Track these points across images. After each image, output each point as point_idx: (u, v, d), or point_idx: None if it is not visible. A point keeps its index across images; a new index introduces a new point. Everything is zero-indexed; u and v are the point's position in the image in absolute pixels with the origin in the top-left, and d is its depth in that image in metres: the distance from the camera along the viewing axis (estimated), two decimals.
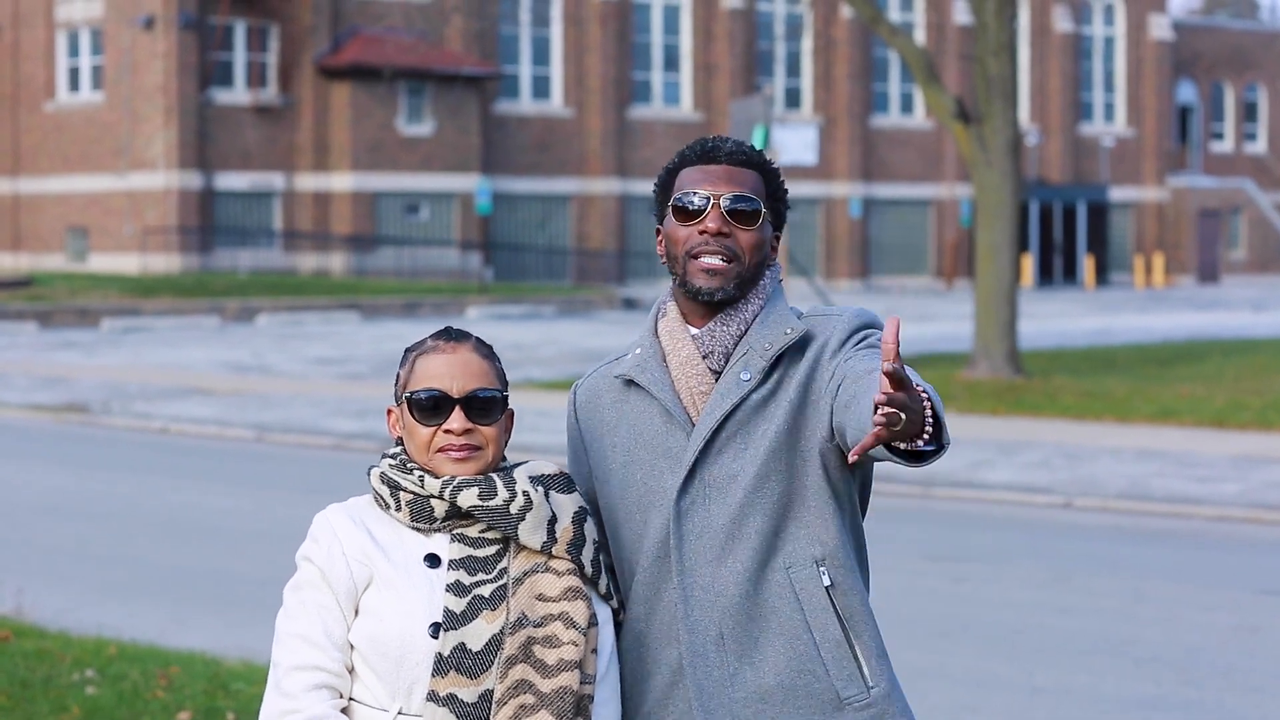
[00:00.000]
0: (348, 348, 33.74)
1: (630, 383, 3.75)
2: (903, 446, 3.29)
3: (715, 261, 3.66)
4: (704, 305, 3.70)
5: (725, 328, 3.69)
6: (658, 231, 3.79)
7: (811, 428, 3.64)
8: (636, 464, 3.71)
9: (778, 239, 3.79)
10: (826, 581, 3.63)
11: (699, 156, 3.74)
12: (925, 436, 3.28)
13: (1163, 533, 15.00)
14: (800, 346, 3.69)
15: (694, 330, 3.72)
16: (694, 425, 3.66)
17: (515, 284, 53.89)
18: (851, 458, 3.25)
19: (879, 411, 3.18)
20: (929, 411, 3.28)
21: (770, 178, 3.77)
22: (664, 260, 3.76)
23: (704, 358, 3.69)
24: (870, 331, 3.69)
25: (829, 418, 3.59)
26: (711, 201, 3.68)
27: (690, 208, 3.69)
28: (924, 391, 3.29)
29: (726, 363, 3.68)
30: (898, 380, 3.17)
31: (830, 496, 3.66)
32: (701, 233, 3.67)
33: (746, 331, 3.69)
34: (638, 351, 3.77)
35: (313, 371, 28.96)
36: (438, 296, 45.87)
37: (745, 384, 3.65)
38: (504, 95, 57.41)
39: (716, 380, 3.68)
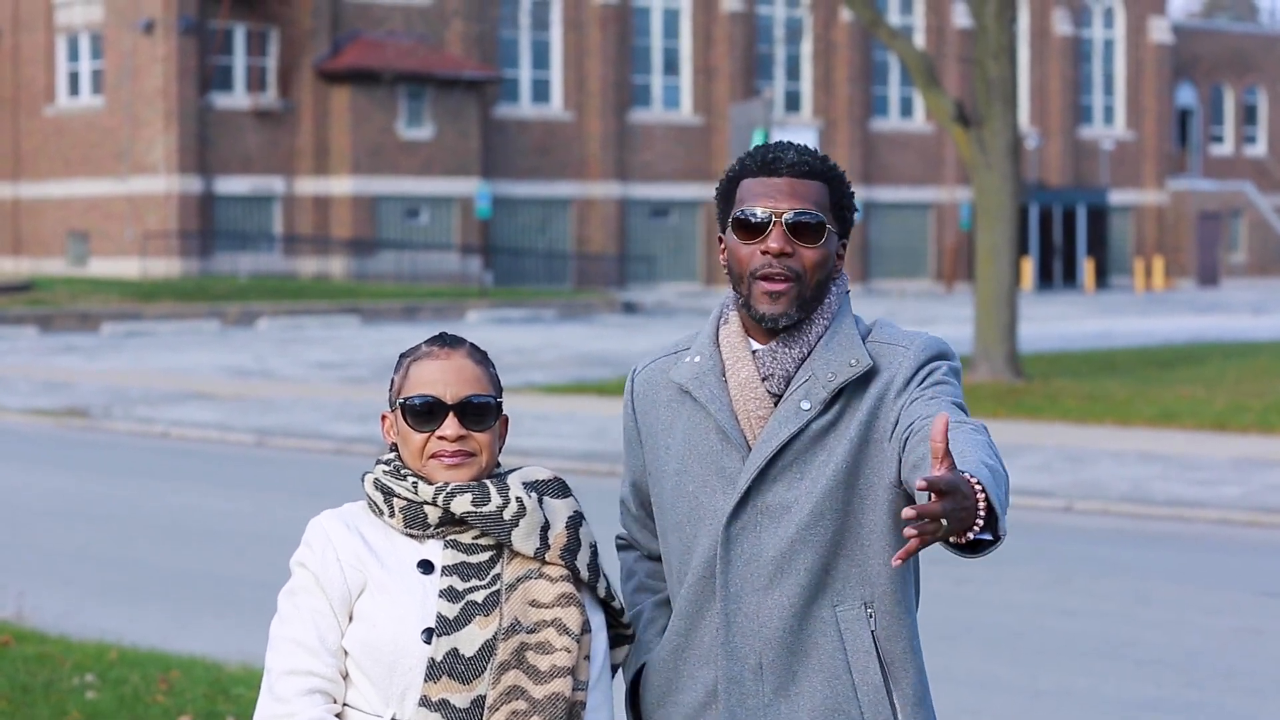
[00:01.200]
0: (348, 352, 33.74)
1: (687, 391, 3.66)
2: (952, 540, 3.15)
3: (777, 285, 3.55)
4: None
5: (788, 350, 3.59)
6: (720, 239, 3.68)
7: (873, 467, 3.56)
8: (689, 475, 3.64)
9: (844, 247, 3.68)
10: (873, 625, 3.58)
11: (760, 168, 3.61)
12: (976, 528, 3.10)
13: (1164, 535, 14.99)
14: (865, 378, 3.59)
15: (756, 346, 3.63)
16: (750, 449, 3.58)
17: (515, 288, 53.90)
18: (894, 563, 3.09)
19: (906, 527, 3.03)
20: (981, 503, 3.11)
21: (836, 186, 3.64)
22: (727, 272, 3.65)
23: (764, 379, 3.59)
24: (938, 365, 3.58)
25: (896, 464, 3.50)
26: (774, 219, 3.56)
27: (752, 222, 3.58)
28: (977, 482, 3.13)
29: (787, 386, 3.59)
30: (939, 490, 3.03)
31: (890, 538, 3.58)
32: (764, 252, 3.56)
33: (809, 354, 3.59)
34: (697, 360, 3.67)
35: (313, 375, 28.96)
36: (438, 301, 45.88)
37: (805, 413, 3.55)
38: (504, 99, 57.42)
39: (775, 403, 3.59)
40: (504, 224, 57.00)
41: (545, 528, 3.58)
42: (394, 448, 3.68)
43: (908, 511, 3.03)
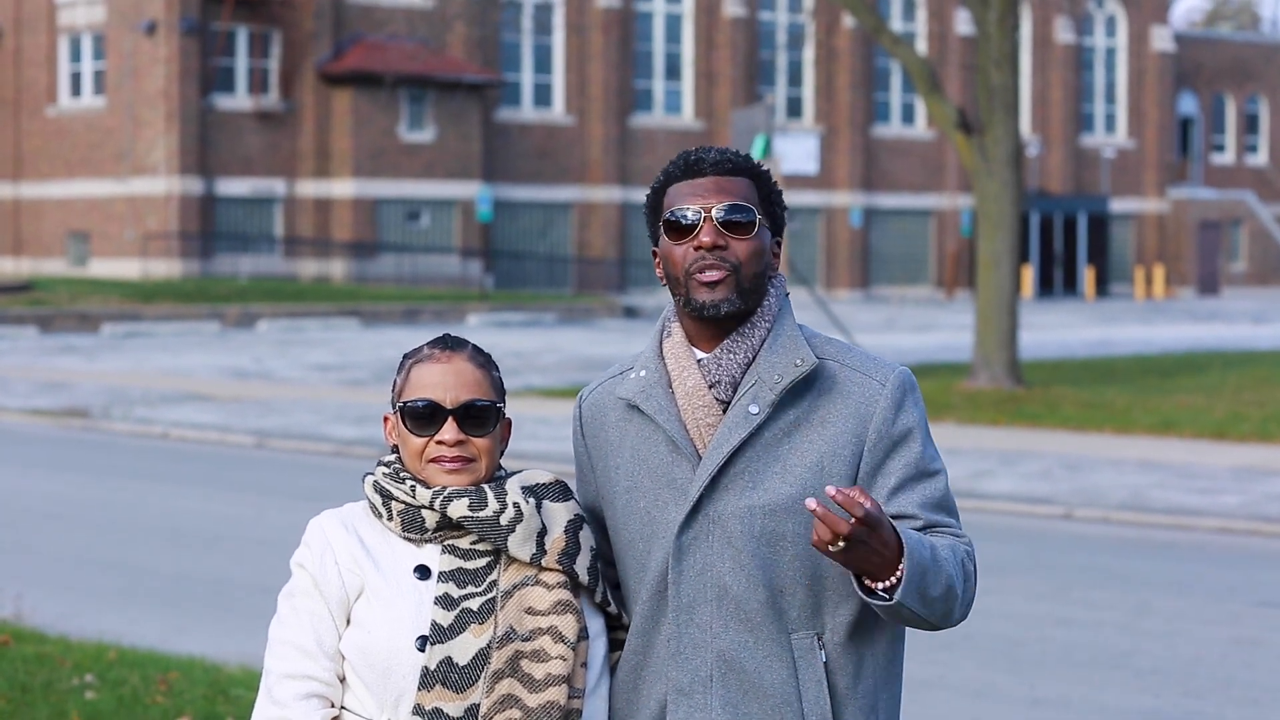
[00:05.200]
0: (348, 354, 33.74)
1: (634, 406, 3.62)
2: (867, 582, 3.36)
3: (714, 274, 3.52)
4: (710, 326, 3.57)
5: (732, 355, 3.55)
6: (654, 253, 3.65)
7: None
8: (640, 491, 3.59)
9: (779, 245, 3.64)
10: (823, 657, 3.53)
11: (684, 171, 3.60)
12: (885, 584, 3.34)
13: (1163, 544, 14.99)
14: (833, 397, 3.56)
15: (700, 355, 3.59)
16: (700, 458, 3.53)
17: (516, 292, 53.89)
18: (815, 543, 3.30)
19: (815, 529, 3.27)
20: (902, 570, 3.32)
21: (761, 182, 3.61)
22: (664, 281, 3.62)
23: (710, 387, 3.55)
24: (911, 429, 3.57)
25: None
26: (704, 215, 3.54)
27: (683, 223, 3.55)
28: (906, 548, 3.32)
29: (734, 392, 3.55)
30: (864, 523, 3.25)
31: (845, 572, 3.52)
32: (697, 248, 3.53)
33: (754, 359, 3.56)
34: (642, 374, 3.63)
35: (313, 378, 28.96)
36: (438, 304, 45.87)
37: (754, 418, 3.51)
38: (506, 102, 57.43)
39: (724, 411, 3.55)
40: (505, 227, 57.01)
41: (542, 533, 3.54)
42: (395, 449, 3.65)
43: (810, 503, 3.23)
